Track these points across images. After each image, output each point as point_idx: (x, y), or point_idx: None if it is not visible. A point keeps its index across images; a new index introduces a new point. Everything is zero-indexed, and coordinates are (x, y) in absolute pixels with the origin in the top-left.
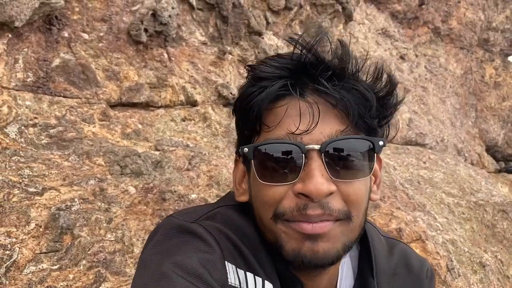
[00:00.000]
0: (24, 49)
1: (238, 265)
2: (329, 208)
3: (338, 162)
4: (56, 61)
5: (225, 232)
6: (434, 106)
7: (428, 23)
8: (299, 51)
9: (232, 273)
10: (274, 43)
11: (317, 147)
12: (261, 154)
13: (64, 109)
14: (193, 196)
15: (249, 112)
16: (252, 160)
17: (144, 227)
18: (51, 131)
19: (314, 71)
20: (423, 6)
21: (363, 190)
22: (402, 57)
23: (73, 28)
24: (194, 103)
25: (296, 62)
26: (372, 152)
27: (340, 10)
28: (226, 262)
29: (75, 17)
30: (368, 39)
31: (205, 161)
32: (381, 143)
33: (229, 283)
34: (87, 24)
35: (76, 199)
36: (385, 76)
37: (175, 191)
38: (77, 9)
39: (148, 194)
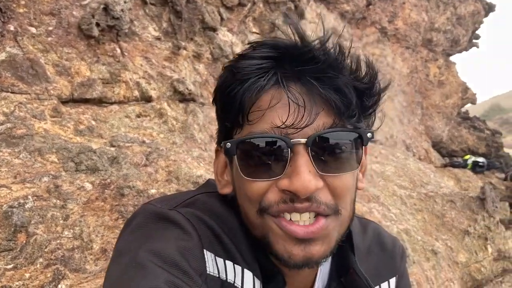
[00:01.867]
0: None
1: (217, 253)
2: (317, 200)
3: (326, 156)
4: (2, 56)
5: (204, 220)
6: (382, 104)
7: (376, 23)
8: (283, 41)
9: (211, 261)
10: (228, 39)
11: (303, 140)
12: (244, 149)
13: (12, 105)
14: (153, 191)
15: (231, 105)
16: (235, 156)
17: (103, 223)
18: None
19: (300, 63)
20: (370, 7)
21: (350, 183)
22: None
23: (19, 22)
24: (149, 99)
25: (281, 52)
26: (360, 145)
27: (293, 8)
28: (204, 250)
29: (21, 10)
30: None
31: (163, 157)
32: (369, 135)
33: (208, 272)
34: (35, 17)
35: (29, 196)
36: (364, 67)
37: (133, 187)
38: (23, 2)
39: (106, 190)
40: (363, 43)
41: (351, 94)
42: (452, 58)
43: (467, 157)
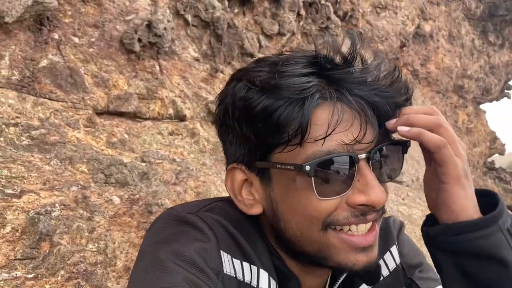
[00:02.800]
0: (12, 46)
1: (234, 255)
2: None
3: (380, 167)
4: (44, 62)
5: (222, 223)
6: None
7: (408, 65)
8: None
9: (228, 262)
10: None
11: (365, 155)
12: (320, 169)
13: (48, 112)
14: None
15: (281, 125)
16: (312, 178)
17: (128, 240)
18: (33, 132)
19: (353, 77)
20: (404, 48)
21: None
22: None
23: (64, 31)
24: (182, 118)
25: (328, 67)
26: (403, 154)
27: (330, 42)
28: (221, 251)
29: (66, 20)
30: None
31: (192, 177)
32: (408, 143)
33: (224, 272)
34: (79, 28)
35: (57, 205)
36: (402, 83)
37: (162, 205)
38: (69, 12)
39: (134, 206)
40: None
41: (394, 109)
42: (482, 106)
43: None
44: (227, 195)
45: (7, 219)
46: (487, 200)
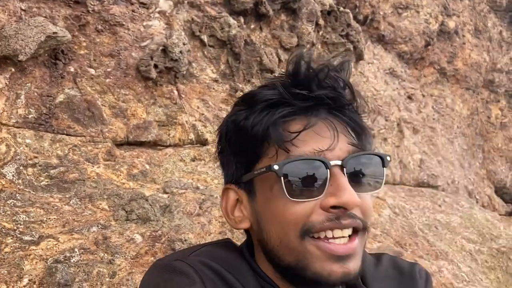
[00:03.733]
0: (27, 84)
1: None
2: (355, 216)
3: (356, 177)
4: (60, 97)
5: (207, 263)
6: (443, 147)
7: (434, 63)
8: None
9: None
10: None
11: (339, 162)
12: (289, 172)
13: (66, 148)
14: None
15: (267, 137)
16: (282, 178)
17: None
18: (52, 171)
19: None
20: (429, 47)
21: (371, 203)
22: (409, 97)
23: (79, 63)
24: (204, 142)
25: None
26: (383, 167)
27: (352, 49)
28: None
29: (82, 52)
30: (377, 78)
31: (216, 205)
32: (388, 158)
33: None
34: (94, 59)
35: (76, 249)
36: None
37: (185, 240)
38: (84, 44)
39: (156, 243)
40: (421, 84)
41: (362, 122)
42: None
43: None
44: None
45: (24, 270)
46: None
